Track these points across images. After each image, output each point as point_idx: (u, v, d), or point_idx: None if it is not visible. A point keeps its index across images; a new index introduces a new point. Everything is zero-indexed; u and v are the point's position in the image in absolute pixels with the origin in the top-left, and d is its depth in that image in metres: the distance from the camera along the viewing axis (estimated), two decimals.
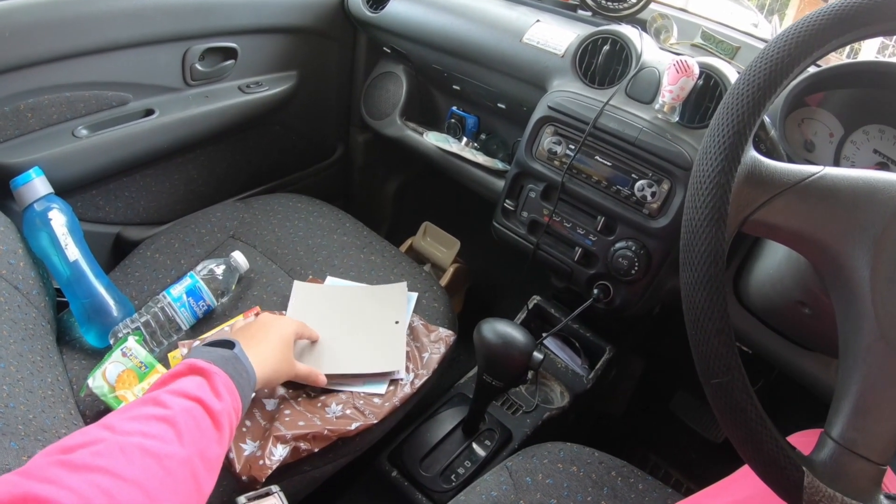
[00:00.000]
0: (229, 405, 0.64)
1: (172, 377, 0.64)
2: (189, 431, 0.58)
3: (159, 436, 0.55)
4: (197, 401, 0.61)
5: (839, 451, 0.49)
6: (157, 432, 0.56)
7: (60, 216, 0.94)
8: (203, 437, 0.59)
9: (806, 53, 0.51)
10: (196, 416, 0.60)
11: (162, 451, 0.54)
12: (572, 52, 1.02)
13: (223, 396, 0.64)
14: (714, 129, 0.51)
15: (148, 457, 0.53)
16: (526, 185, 1.05)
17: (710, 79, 0.90)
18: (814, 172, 0.51)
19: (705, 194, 0.49)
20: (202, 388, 0.63)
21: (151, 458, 0.53)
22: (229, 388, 0.65)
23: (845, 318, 0.51)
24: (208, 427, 0.60)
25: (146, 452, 0.53)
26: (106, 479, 0.48)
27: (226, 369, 0.67)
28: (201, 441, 0.59)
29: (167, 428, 0.57)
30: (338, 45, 1.45)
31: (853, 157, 0.85)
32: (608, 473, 0.86)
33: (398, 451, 1.03)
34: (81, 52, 1.02)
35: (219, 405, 0.62)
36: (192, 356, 0.68)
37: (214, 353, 0.69)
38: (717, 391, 0.49)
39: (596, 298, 0.99)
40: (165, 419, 0.57)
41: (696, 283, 0.49)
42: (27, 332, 0.84)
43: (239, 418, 0.67)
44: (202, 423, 0.60)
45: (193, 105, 1.21)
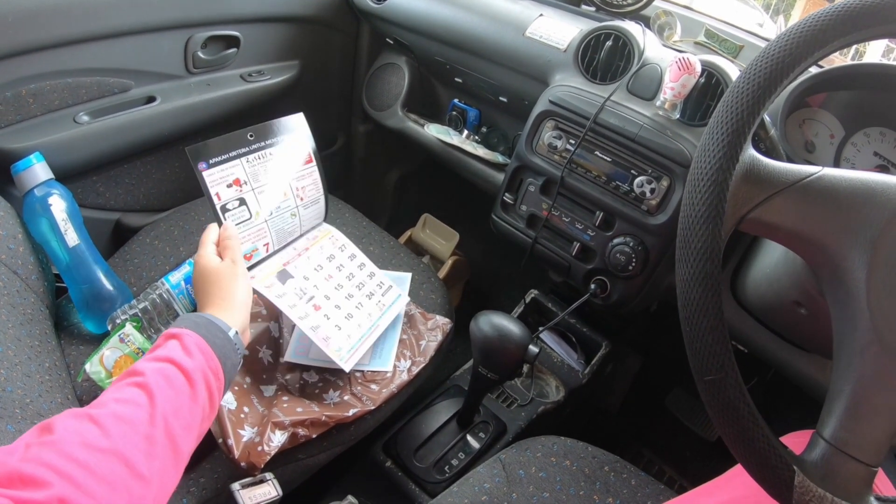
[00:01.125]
0: (202, 363, 0.64)
1: (152, 350, 0.65)
2: (161, 391, 0.58)
3: (132, 400, 0.56)
4: (167, 360, 0.61)
5: (830, 451, 0.49)
6: (130, 397, 0.56)
7: (60, 202, 0.94)
8: (177, 395, 0.59)
9: (808, 53, 0.51)
10: (168, 375, 0.60)
11: (135, 415, 0.54)
12: (575, 47, 1.02)
13: (194, 355, 0.63)
14: (713, 126, 0.51)
15: (122, 423, 0.53)
16: (525, 178, 1.05)
17: (711, 77, 0.89)
18: (812, 172, 0.51)
19: (703, 191, 0.49)
20: (174, 349, 0.63)
21: (126, 423, 0.53)
22: (201, 348, 0.65)
23: (841, 319, 0.52)
24: (182, 384, 0.60)
25: (120, 419, 0.53)
26: (83, 452, 0.49)
27: (197, 331, 0.66)
28: (175, 399, 0.59)
29: (139, 391, 0.57)
30: (341, 35, 1.45)
31: (853, 158, 0.85)
32: (601, 468, 0.87)
33: (392, 442, 1.03)
34: (84, 39, 1.02)
35: (190, 362, 0.62)
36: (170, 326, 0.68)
37: (188, 320, 0.68)
38: (710, 388, 0.49)
39: (593, 293, 0.99)
40: (138, 384, 0.58)
41: (691, 280, 0.49)
42: (26, 317, 0.84)
43: (220, 380, 0.66)
44: (175, 381, 0.60)
45: (195, 93, 1.21)
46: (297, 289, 0.92)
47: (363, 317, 0.95)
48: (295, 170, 0.94)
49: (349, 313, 0.94)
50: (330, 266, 0.98)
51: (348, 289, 0.97)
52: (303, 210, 0.96)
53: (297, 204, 0.95)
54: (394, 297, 1.02)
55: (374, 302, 0.98)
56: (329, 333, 0.89)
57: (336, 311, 0.93)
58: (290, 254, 0.96)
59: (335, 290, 0.96)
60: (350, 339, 0.91)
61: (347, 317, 0.94)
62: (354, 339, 0.92)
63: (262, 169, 0.90)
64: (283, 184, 0.92)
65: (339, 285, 0.97)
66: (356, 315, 0.95)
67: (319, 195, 0.99)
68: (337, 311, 0.93)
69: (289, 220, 0.94)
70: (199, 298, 0.76)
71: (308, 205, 0.97)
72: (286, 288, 0.91)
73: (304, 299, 0.91)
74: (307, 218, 0.98)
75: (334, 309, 0.93)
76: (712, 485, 0.76)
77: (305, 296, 0.92)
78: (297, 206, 0.95)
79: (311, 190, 0.97)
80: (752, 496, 0.67)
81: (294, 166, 0.94)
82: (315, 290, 0.94)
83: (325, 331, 0.89)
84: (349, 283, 0.98)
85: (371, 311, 0.97)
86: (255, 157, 0.90)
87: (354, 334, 0.92)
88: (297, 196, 0.95)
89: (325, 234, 1.02)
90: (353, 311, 0.95)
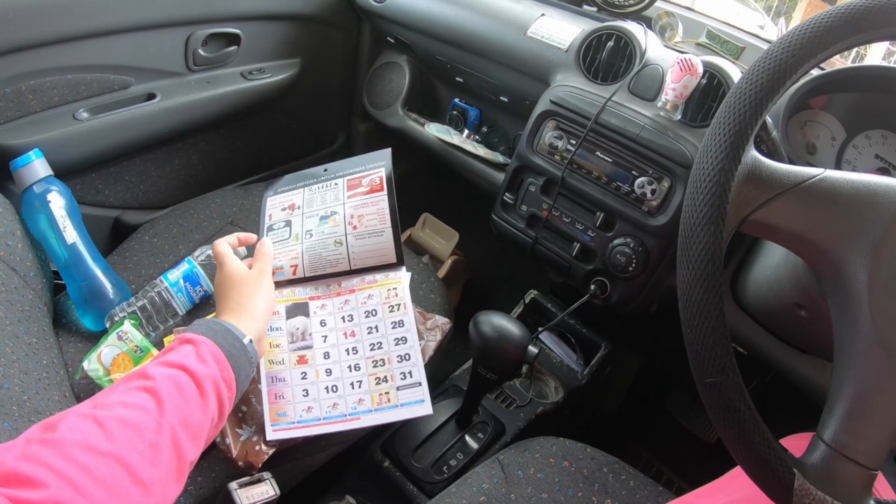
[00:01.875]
0: (215, 372, 0.63)
1: (164, 352, 0.64)
2: (171, 398, 0.57)
3: (140, 405, 0.55)
4: (180, 367, 0.60)
5: (831, 454, 0.49)
6: (138, 402, 0.55)
7: (59, 199, 0.94)
8: (187, 404, 0.58)
9: (810, 55, 0.51)
10: (179, 383, 0.59)
11: (141, 421, 0.54)
12: (576, 48, 1.02)
13: (208, 363, 0.63)
14: (715, 127, 0.51)
15: (127, 428, 0.52)
16: (526, 178, 1.04)
17: (713, 78, 0.89)
18: (814, 174, 0.51)
19: (705, 192, 0.49)
20: (188, 355, 0.62)
21: (131, 429, 0.53)
22: (216, 356, 0.64)
23: (842, 322, 0.51)
24: (193, 393, 0.59)
25: (125, 424, 0.53)
26: (83, 454, 0.48)
27: (214, 339, 0.65)
28: (184, 408, 0.58)
29: (148, 397, 0.56)
30: (342, 33, 1.45)
31: (855, 161, 0.84)
32: (600, 469, 0.86)
33: (391, 442, 1.03)
34: (84, 35, 1.02)
35: (203, 370, 0.61)
36: (184, 332, 0.67)
37: (204, 325, 0.68)
38: (710, 390, 0.49)
39: (593, 294, 0.99)
40: (147, 389, 0.57)
41: (692, 282, 0.49)
42: (24, 314, 0.84)
43: (232, 391, 0.65)
44: (187, 390, 0.59)
45: (195, 90, 1.21)
46: (297, 329, 0.80)
47: (349, 399, 0.77)
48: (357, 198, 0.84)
49: (335, 385, 0.78)
50: (362, 323, 0.81)
51: (361, 358, 0.79)
52: (354, 240, 0.83)
53: (346, 232, 0.83)
54: (412, 398, 0.77)
55: (379, 390, 0.77)
56: (286, 393, 0.77)
57: (320, 374, 0.78)
58: (328, 290, 0.83)
59: (344, 353, 0.79)
60: (306, 413, 0.76)
61: (330, 388, 0.78)
62: (311, 415, 0.76)
63: (320, 196, 0.86)
64: (336, 209, 0.84)
65: (353, 349, 0.80)
66: (342, 392, 0.78)
67: (384, 228, 0.84)
68: (322, 375, 0.78)
69: (331, 247, 0.83)
70: (219, 302, 0.75)
71: (363, 235, 0.84)
72: (286, 324, 0.81)
73: (295, 346, 0.80)
74: (360, 251, 0.84)
75: (322, 371, 0.78)
76: (712, 486, 0.76)
77: (300, 342, 0.80)
78: (346, 234, 0.83)
79: (373, 220, 0.84)
80: (751, 498, 0.66)
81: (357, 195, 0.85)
82: (321, 340, 0.80)
83: (284, 388, 0.77)
84: (367, 353, 0.79)
85: (364, 399, 0.77)
86: (318, 187, 0.88)
87: (317, 410, 0.76)
88: (349, 223, 0.83)
89: (391, 282, 0.84)
90: (344, 385, 0.78)
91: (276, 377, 0.78)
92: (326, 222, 0.84)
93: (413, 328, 0.80)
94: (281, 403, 0.77)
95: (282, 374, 0.78)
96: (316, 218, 0.85)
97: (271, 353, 0.79)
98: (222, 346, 0.65)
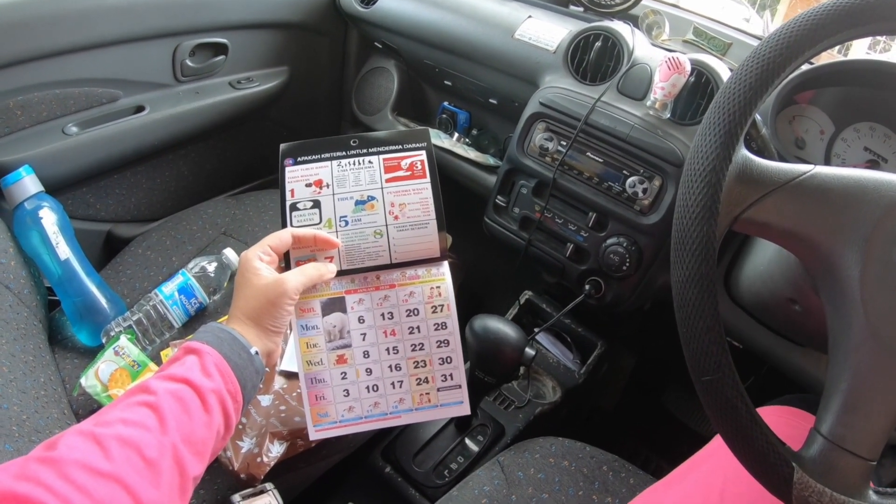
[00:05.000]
0: (220, 385, 0.60)
1: (170, 363, 0.62)
2: (174, 415, 0.55)
3: (140, 422, 0.53)
4: (183, 381, 0.58)
5: (828, 446, 0.50)
6: (138, 419, 0.54)
7: (51, 214, 0.94)
8: (190, 420, 0.56)
9: (798, 53, 0.51)
10: (183, 398, 0.57)
11: (142, 439, 0.52)
12: (564, 49, 1.02)
13: (213, 375, 0.60)
14: (706, 127, 0.51)
15: (127, 447, 0.51)
16: (518, 181, 1.05)
17: (701, 76, 0.90)
18: (804, 171, 0.52)
19: (697, 192, 0.50)
20: (192, 368, 0.60)
21: (131, 448, 0.51)
22: (221, 368, 0.61)
23: (835, 316, 0.52)
24: (197, 408, 0.57)
25: (125, 442, 0.51)
26: (82, 474, 0.47)
27: (220, 349, 0.62)
28: (188, 424, 0.56)
29: (149, 413, 0.54)
30: (329, 40, 1.45)
31: (844, 154, 0.85)
32: (599, 468, 0.87)
33: (391, 447, 1.03)
34: (71, 49, 1.01)
35: (208, 384, 0.59)
36: (192, 338, 0.65)
37: (210, 333, 0.64)
38: (708, 388, 0.50)
39: (587, 294, 1.00)
40: (149, 404, 0.55)
41: (686, 281, 0.50)
42: (19, 332, 0.84)
43: (238, 403, 0.63)
44: (190, 405, 0.57)
45: (184, 101, 1.20)
46: (334, 327, 0.76)
47: (390, 399, 0.75)
48: (396, 182, 0.78)
49: (376, 384, 0.75)
50: (403, 322, 0.77)
51: (402, 358, 0.76)
52: (395, 232, 0.77)
53: (387, 222, 0.77)
54: (451, 399, 0.76)
55: (420, 390, 0.75)
56: (327, 394, 0.74)
57: (361, 374, 0.75)
58: (366, 283, 0.78)
59: (384, 352, 0.76)
60: (348, 412, 0.74)
61: (370, 388, 0.75)
62: (353, 414, 0.74)
63: (353, 175, 0.77)
64: (373, 194, 0.77)
65: (394, 349, 0.76)
66: (383, 391, 0.75)
67: (428, 220, 0.78)
68: (362, 375, 0.75)
69: (371, 238, 0.77)
70: (233, 301, 0.69)
71: (405, 227, 0.77)
72: (323, 321, 0.76)
73: (333, 344, 0.75)
74: (404, 243, 0.78)
75: (362, 371, 0.75)
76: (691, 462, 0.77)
77: (339, 340, 0.75)
78: (386, 224, 0.77)
79: (416, 210, 0.78)
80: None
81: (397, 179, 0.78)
82: (360, 338, 0.76)
83: (324, 389, 0.74)
84: (408, 353, 0.76)
85: (405, 398, 0.75)
86: (349, 163, 0.77)
87: (359, 409, 0.74)
88: (389, 213, 0.77)
89: (434, 279, 0.79)
90: (385, 385, 0.75)
91: (316, 378, 0.74)
92: (363, 209, 0.77)
93: (456, 331, 0.77)
94: (322, 404, 0.74)
95: (321, 375, 0.74)
96: (351, 202, 0.77)
97: (309, 353, 0.75)
98: (228, 356, 0.63)
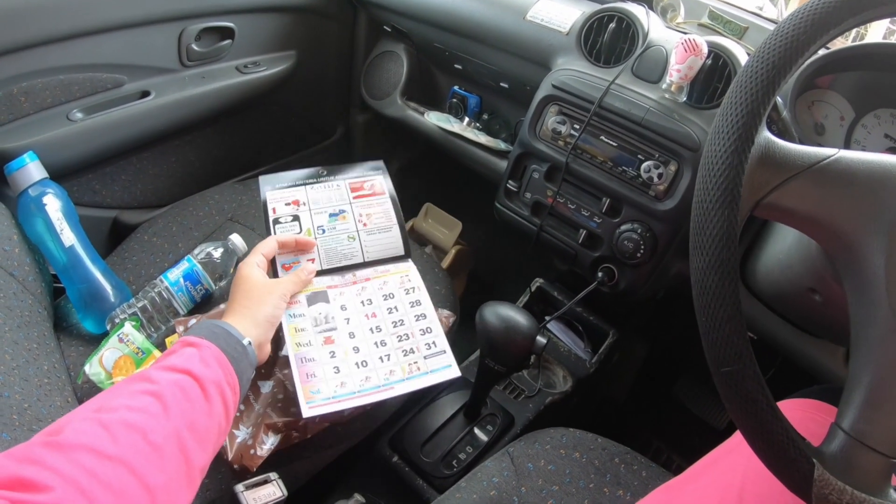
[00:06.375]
0: (220, 376, 0.63)
1: (167, 355, 0.64)
2: (177, 403, 0.56)
3: (144, 409, 0.54)
4: (185, 372, 0.60)
5: (850, 442, 0.48)
6: (143, 405, 0.55)
7: (55, 201, 0.93)
8: (192, 408, 0.58)
9: (822, 31, 0.49)
10: (185, 387, 0.58)
11: (147, 424, 0.53)
12: (577, 30, 1.00)
13: (211, 366, 0.62)
14: (726, 108, 0.49)
15: (133, 432, 0.52)
16: (529, 165, 1.03)
17: (718, 58, 0.87)
18: (829, 155, 0.49)
19: (717, 175, 0.47)
20: (191, 359, 0.62)
21: (136, 432, 0.52)
22: (220, 361, 0.64)
23: (858, 307, 0.50)
24: (198, 397, 0.59)
25: (130, 427, 0.52)
26: (89, 458, 0.48)
27: (216, 342, 0.65)
28: (190, 413, 0.57)
29: (153, 401, 0.55)
30: (337, 24, 1.43)
31: (864, 141, 0.82)
32: (611, 460, 0.85)
33: (399, 437, 1.02)
34: (75, 34, 1.00)
35: (208, 374, 0.61)
36: (186, 335, 0.67)
37: (205, 328, 0.68)
38: (727, 380, 0.48)
39: (600, 282, 0.98)
40: (152, 393, 0.56)
41: (707, 268, 0.48)
42: (23, 320, 0.83)
43: (237, 395, 0.65)
44: (191, 394, 0.59)
45: (190, 86, 1.19)
46: (319, 314, 0.84)
47: (380, 372, 0.81)
48: (362, 199, 0.94)
49: (365, 360, 0.82)
50: (381, 304, 0.87)
51: (385, 335, 0.84)
52: (366, 235, 0.92)
53: (358, 228, 0.92)
54: (439, 364, 0.84)
55: (407, 361, 0.83)
56: (317, 372, 0.79)
57: (349, 352, 0.82)
58: (344, 280, 0.89)
59: (368, 332, 0.84)
60: (339, 388, 0.78)
61: (360, 363, 0.81)
62: (345, 390, 0.78)
63: (325, 195, 0.93)
64: (343, 208, 0.93)
65: (377, 327, 0.85)
66: (372, 366, 0.81)
67: (391, 224, 0.94)
68: (350, 353, 0.82)
69: (345, 242, 0.91)
70: (230, 301, 0.77)
71: (374, 231, 0.93)
72: (308, 310, 0.84)
73: (320, 328, 0.83)
74: (373, 246, 0.92)
75: (349, 350, 0.82)
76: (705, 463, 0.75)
77: (324, 325, 0.83)
78: (357, 230, 0.92)
79: (380, 218, 0.94)
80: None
81: (362, 196, 0.94)
82: (344, 323, 0.84)
83: (314, 367, 0.79)
84: (390, 330, 0.85)
85: (395, 370, 0.81)
86: (320, 186, 0.93)
87: (350, 385, 0.79)
88: (359, 221, 0.93)
89: (400, 271, 0.92)
90: (373, 360, 0.82)
91: (305, 357, 0.80)
92: (336, 219, 0.91)
93: (430, 306, 0.88)
94: (313, 382, 0.78)
95: (310, 355, 0.80)
96: (325, 214, 0.91)
97: (297, 336, 0.81)
98: (224, 349, 0.65)
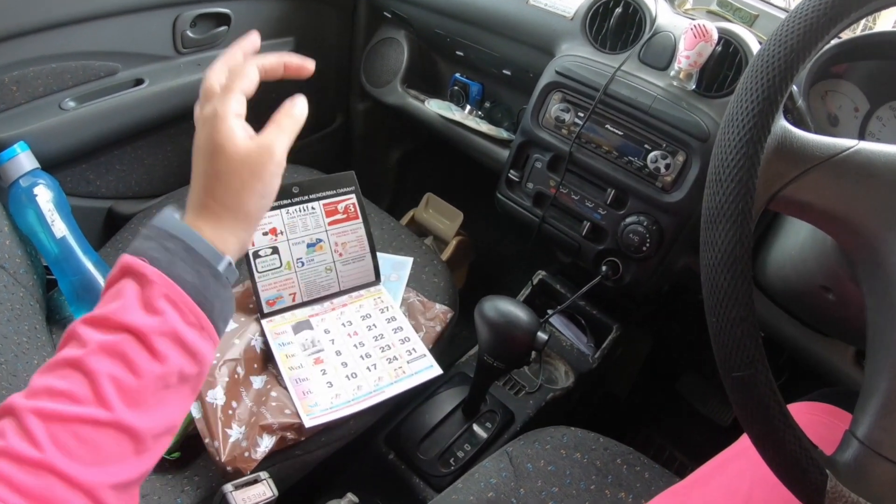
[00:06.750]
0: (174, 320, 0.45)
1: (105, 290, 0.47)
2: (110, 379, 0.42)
3: (67, 392, 0.42)
4: (121, 329, 0.44)
5: (864, 451, 0.45)
6: (65, 388, 0.42)
7: (47, 192, 0.91)
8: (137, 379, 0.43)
9: (844, 13, 0.45)
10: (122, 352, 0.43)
11: (70, 413, 0.41)
12: (582, 15, 0.97)
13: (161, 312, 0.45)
14: (741, 94, 0.46)
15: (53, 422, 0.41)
16: (532, 154, 1.00)
17: (729, 45, 0.84)
18: (848, 146, 0.47)
19: (731, 166, 0.44)
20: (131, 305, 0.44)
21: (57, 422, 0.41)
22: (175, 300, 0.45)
23: (877, 309, 0.47)
24: (144, 360, 0.44)
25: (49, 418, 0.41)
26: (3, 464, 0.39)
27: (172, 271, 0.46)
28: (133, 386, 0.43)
29: (79, 378, 0.42)
30: (336, 10, 1.40)
31: (879, 133, 0.79)
32: (613, 461, 0.83)
33: (396, 433, 1.00)
34: (67, 22, 0.97)
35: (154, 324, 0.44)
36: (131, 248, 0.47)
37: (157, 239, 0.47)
38: (739, 385, 0.45)
39: (604, 275, 0.95)
40: (77, 364, 0.42)
41: (718, 266, 0.45)
42: (13, 313, 0.82)
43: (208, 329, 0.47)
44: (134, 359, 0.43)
45: (185, 73, 1.16)
46: (307, 340, 0.90)
47: (370, 380, 0.87)
48: (337, 225, 0.96)
49: (354, 372, 0.88)
50: (360, 324, 0.94)
51: (369, 348, 0.91)
52: (341, 266, 0.97)
53: (334, 259, 0.96)
54: (422, 366, 0.90)
55: (392, 367, 0.89)
56: (313, 388, 0.84)
57: (338, 368, 0.88)
58: (323, 308, 0.95)
59: (353, 348, 0.91)
60: (336, 399, 0.84)
61: (350, 375, 0.87)
62: (340, 400, 0.84)
63: (301, 222, 0.94)
64: (320, 237, 0.95)
65: (360, 343, 0.92)
66: (362, 376, 0.87)
67: (364, 253, 0.99)
68: (340, 368, 0.88)
69: (323, 273, 0.96)
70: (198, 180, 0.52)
71: (349, 261, 0.97)
72: (296, 338, 0.90)
73: (308, 352, 0.89)
74: (348, 275, 0.98)
75: (339, 365, 0.88)
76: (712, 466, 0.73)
77: (312, 348, 0.89)
78: (334, 261, 0.96)
79: (354, 247, 0.98)
80: None
81: (336, 222, 0.97)
82: (330, 343, 0.91)
83: (310, 385, 0.84)
84: (373, 343, 0.92)
85: (383, 376, 0.88)
86: (296, 210, 0.94)
87: (345, 395, 0.84)
88: (335, 251, 0.96)
89: (372, 294, 0.99)
90: (362, 371, 0.88)
91: (299, 378, 0.85)
92: (314, 250, 0.95)
93: (405, 319, 0.96)
94: (310, 398, 0.83)
95: (303, 375, 0.85)
96: (303, 245, 0.94)
97: (289, 361, 0.87)
98: (185, 281, 0.46)
